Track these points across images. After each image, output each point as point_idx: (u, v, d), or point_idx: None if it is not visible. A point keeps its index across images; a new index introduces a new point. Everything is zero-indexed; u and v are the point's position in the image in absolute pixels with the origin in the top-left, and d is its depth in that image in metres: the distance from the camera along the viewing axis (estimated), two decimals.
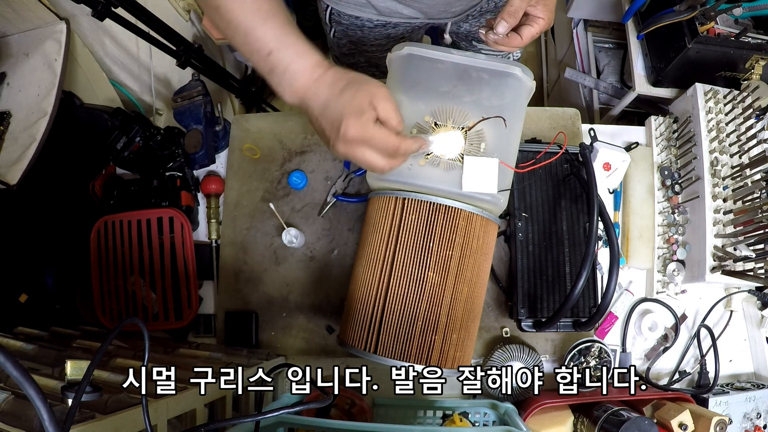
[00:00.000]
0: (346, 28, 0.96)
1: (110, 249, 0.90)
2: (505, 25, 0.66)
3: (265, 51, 0.55)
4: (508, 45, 0.68)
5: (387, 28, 0.94)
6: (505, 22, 0.65)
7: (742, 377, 0.90)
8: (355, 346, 0.68)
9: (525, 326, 0.81)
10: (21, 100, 1.02)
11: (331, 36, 1.00)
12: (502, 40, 0.67)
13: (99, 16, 0.92)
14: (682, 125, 0.93)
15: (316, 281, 0.91)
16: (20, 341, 0.70)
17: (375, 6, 0.87)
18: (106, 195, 0.94)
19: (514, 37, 0.67)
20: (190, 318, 0.88)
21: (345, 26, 0.96)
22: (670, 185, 0.91)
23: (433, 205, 0.67)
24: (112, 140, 0.90)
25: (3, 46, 1.08)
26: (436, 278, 0.66)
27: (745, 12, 1.00)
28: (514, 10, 0.65)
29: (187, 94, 0.98)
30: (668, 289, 0.90)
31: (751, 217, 0.79)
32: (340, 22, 0.95)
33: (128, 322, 0.48)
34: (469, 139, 0.68)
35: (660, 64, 1.07)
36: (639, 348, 0.90)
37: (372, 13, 0.90)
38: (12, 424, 0.42)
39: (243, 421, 0.55)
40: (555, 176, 0.87)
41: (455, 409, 0.79)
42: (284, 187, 0.95)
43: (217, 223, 0.95)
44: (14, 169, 0.93)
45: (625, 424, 0.70)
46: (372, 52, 1.02)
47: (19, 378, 0.30)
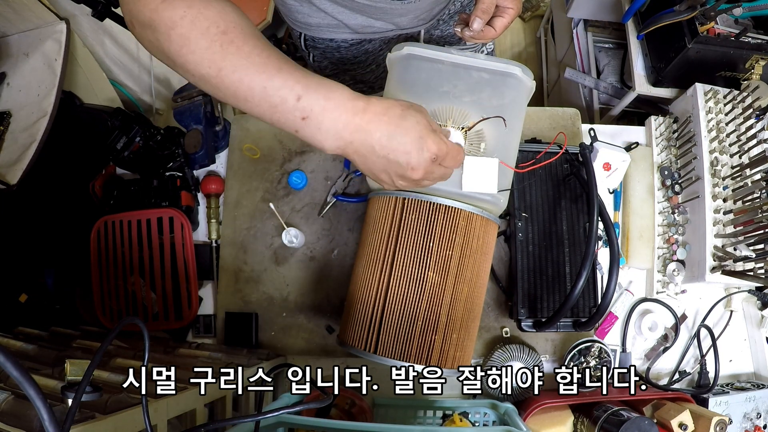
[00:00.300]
0: (323, 51, 0.98)
1: (110, 249, 0.90)
2: (480, 21, 0.69)
3: (293, 98, 0.49)
4: (484, 38, 0.72)
5: (363, 44, 0.96)
6: (480, 18, 0.69)
7: (742, 377, 0.90)
8: (355, 346, 0.68)
9: (525, 326, 0.81)
10: (21, 100, 1.02)
11: (311, 61, 1.02)
12: (478, 35, 0.71)
13: (99, 16, 0.92)
14: (682, 125, 0.93)
15: (316, 281, 0.91)
16: (20, 341, 0.70)
17: (347, 25, 0.89)
18: (106, 195, 0.94)
19: (489, 30, 0.71)
20: (190, 318, 0.88)
21: (321, 49, 0.98)
22: (670, 185, 0.92)
23: (433, 205, 0.67)
24: (112, 140, 0.90)
25: (3, 46, 1.09)
26: (436, 278, 0.66)
27: (745, 12, 1.00)
28: (486, 7, 0.69)
29: (187, 94, 0.98)
30: (668, 289, 0.90)
31: (751, 217, 0.79)
32: (316, 46, 0.97)
33: (128, 322, 0.48)
34: (469, 139, 0.68)
35: (660, 64, 1.07)
36: (639, 348, 0.90)
37: (346, 32, 0.91)
38: (12, 424, 0.42)
39: (243, 421, 0.55)
40: (555, 176, 0.87)
41: (455, 409, 0.79)
42: (284, 187, 0.95)
43: (217, 223, 0.95)
44: (14, 169, 0.93)
45: (625, 424, 0.70)
46: (354, 70, 1.03)
47: (19, 378, 0.30)
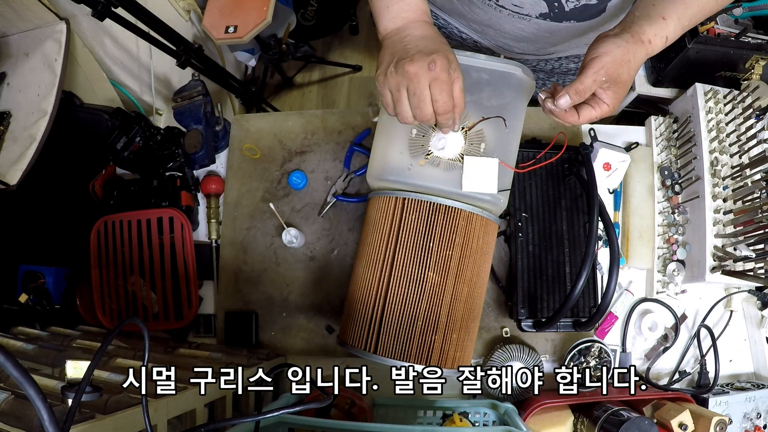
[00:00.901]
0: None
1: (110, 249, 0.90)
2: (568, 101, 0.60)
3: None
4: (563, 119, 0.63)
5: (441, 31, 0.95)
6: (569, 98, 0.60)
7: (742, 377, 0.90)
8: (355, 346, 0.68)
9: (525, 326, 0.81)
10: (21, 100, 1.02)
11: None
12: (559, 113, 0.63)
13: (99, 16, 0.92)
14: (682, 125, 0.93)
15: (316, 281, 0.91)
16: (20, 341, 0.70)
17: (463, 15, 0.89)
18: (106, 195, 0.94)
19: (572, 113, 0.62)
20: (190, 318, 0.88)
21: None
22: (670, 185, 0.91)
23: (433, 205, 0.67)
24: (112, 140, 0.90)
25: (3, 46, 1.08)
26: (436, 278, 0.66)
27: (745, 12, 1.00)
28: (583, 89, 0.59)
29: (187, 94, 0.98)
30: (668, 289, 0.90)
31: (751, 217, 0.79)
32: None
33: (128, 322, 0.48)
34: (469, 139, 0.68)
35: (660, 64, 1.07)
36: (639, 348, 0.90)
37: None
38: (12, 424, 0.42)
39: (243, 421, 0.55)
40: (555, 176, 0.87)
41: (455, 409, 0.79)
42: (284, 187, 0.95)
43: (217, 223, 0.95)
44: (14, 169, 0.93)
45: (625, 424, 0.70)
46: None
47: (19, 378, 0.30)
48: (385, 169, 0.69)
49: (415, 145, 0.69)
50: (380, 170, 0.70)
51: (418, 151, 0.69)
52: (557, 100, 0.60)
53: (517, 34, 0.85)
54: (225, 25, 1.34)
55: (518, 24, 0.81)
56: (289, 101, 2.06)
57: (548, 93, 0.63)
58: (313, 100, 2.06)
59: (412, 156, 0.68)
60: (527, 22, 0.80)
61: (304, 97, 2.07)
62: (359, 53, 2.10)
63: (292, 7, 1.69)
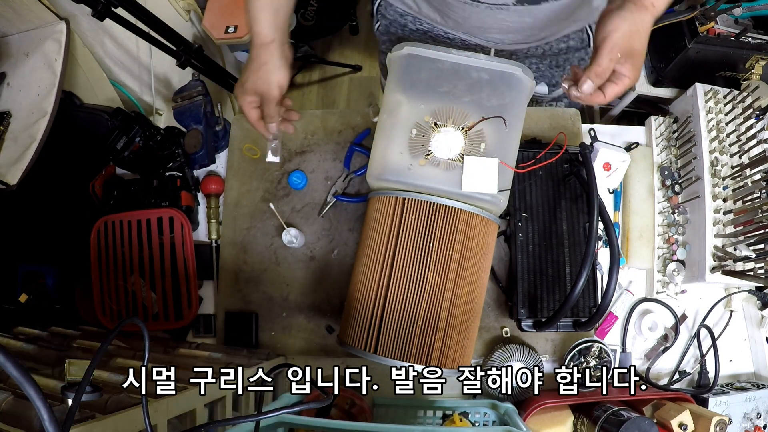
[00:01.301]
0: (389, 24, 0.98)
1: (110, 249, 0.90)
2: (591, 85, 0.62)
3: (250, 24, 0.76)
4: (590, 101, 0.65)
5: (426, 35, 0.95)
6: (591, 81, 0.62)
7: (742, 377, 0.90)
8: (355, 346, 0.68)
9: (525, 326, 0.81)
10: (21, 100, 1.02)
11: (376, 29, 1.03)
12: (585, 97, 0.64)
13: (99, 16, 0.92)
14: (682, 125, 0.93)
15: (316, 281, 0.91)
16: (20, 341, 0.70)
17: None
18: (106, 195, 0.94)
19: (597, 94, 0.64)
20: (190, 318, 0.88)
21: (389, 21, 0.98)
22: (670, 185, 0.91)
23: (433, 205, 0.67)
24: (112, 140, 0.90)
25: (3, 46, 1.08)
26: (436, 278, 0.66)
27: (745, 12, 1.00)
28: (602, 71, 0.61)
29: (187, 94, 0.98)
30: (668, 289, 0.90)
31: (751, 217, 0.79)
32: (386, 15, 0.97)
33: (128, 322, 0.48)
34: (469, 139, 0.68)
35: (660, 64, 1.07)
36: (639, 348, 0.90)
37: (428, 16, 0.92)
38: (12, 424, 0.42)
39: (243, 421, 0.55)
40: (555, 176, 0.87)
41: (455, 409, 0.79)
42: (284, 187, 0.95)
43: (217, 223, 0.95)
44: (14, 169, 0.93)
45: (625, 424, 0.70)
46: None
47: (19, 378, 0.30)
48: (385, 169, 0.69)
49: (415, 145, 0.69)
50: (380, 170, 0.70)
51: (418, 151, 0.69)
52: (581, 87, 0.62)
53: (501, 26, 0.85)
54: (225, 25, 1.34)
55: (498, 15, 0.82)
56: None
57: (570, 81, 0.65)
58: (313, 100, 2.06)
59: (412, 156, 0.68)
60: (506, 11, 0.80)
61: (304, 97, 2.07)
62: (359, 53, 2.10)
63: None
